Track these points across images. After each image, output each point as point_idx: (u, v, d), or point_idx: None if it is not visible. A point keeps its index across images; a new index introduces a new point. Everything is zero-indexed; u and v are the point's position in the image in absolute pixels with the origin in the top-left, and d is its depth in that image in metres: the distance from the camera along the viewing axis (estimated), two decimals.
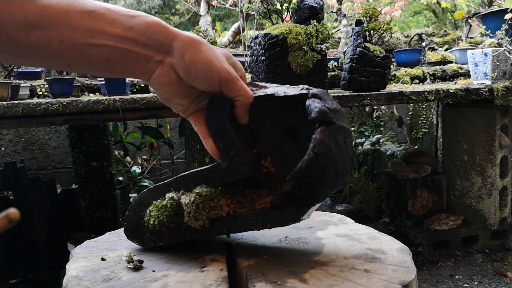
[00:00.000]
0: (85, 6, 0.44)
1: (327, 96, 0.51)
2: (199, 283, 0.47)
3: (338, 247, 0.56)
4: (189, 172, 0.56)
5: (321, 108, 0.48)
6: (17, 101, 1.52)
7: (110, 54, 0.46)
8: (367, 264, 0.50)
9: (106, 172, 2.13)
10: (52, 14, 0.42)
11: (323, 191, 0.49)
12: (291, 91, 0.53)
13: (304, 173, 0.47)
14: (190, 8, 3.26)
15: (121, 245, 0.60)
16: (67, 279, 0.50)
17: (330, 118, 0.47)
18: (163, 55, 0.49)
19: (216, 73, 0.49)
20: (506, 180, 2.34)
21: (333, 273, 0.48)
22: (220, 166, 0.54)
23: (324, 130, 0.47)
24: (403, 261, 0.51)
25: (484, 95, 1.94)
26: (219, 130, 0.53)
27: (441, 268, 2.22)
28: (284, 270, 0.49)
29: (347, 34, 2.61)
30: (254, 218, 0.52)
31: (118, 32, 0.45)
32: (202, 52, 0.49)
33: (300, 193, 0.49)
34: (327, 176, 0.48)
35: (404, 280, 0.46)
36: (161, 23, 0.48)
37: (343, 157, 0.49)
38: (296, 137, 0.55)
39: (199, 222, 0.53)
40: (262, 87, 0.55)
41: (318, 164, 0.46)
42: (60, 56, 0.45)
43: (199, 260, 0.54)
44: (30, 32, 0.42)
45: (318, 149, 0.46)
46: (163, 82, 0.50)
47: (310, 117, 0.48)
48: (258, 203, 0.54)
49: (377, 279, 0.46)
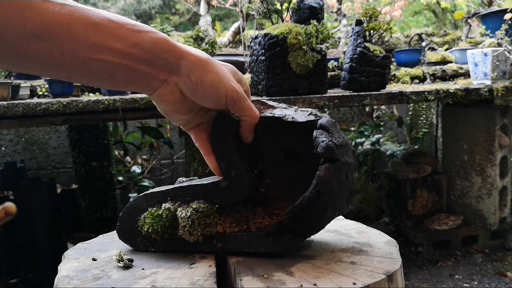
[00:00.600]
0: (89, 17, 0.42)
1: (334, 128, 0.50)
2: (187, 279, 0.48)
3: (326, 242, 0.57)
4: (188, 184, 0.56)
5: (328, 144, 0.48)
6: (17, 101, 1.52)
7: (113, 70, 0.45)
8: (354, 256, 0.51)
9: (106, 172, 2.14)
10: (54, 24, 0.40)
11: (319, 226, 0.51)
12: (300, 117, 0.52)
13: (304, 210, 0.48)
14: (190, 8, 3.27)
15: (113, 246, 0.60)
16: (58, 278, 0.50)
17: (336, 156, 0.48)
18: (168, 73, 0.47)
19: (223, 93, 0.48)
20: (506, 180, 2.34)
21: (320, 266, 0.49)
22: (220, 184, 0.53)
23: (328, 168, 0.47)
24: (389, 253, 0.52)
25: (484, 95, 1.94)
26: (223, 149, 0.53)
27: (441, 268, 2.22)
28: (271, 264, 0.50)
29: (347, 34, 2.61)
30: (247, 240, 0.52)
31: (123, 48, 0.44)
32: (210, 72, 0.48)
33: (297, 226, 0.49)
34: (325, 212, 0.49)
35: (389, 270, 0.47)
36: (168, 41, 0.46)
37: (343, 193, 0.50)
38: (298, 159, 0.56)
39: (193, 237, 0.53)
40: (269, 106, 0.54)
41: (319, 202, 0.47)
42: (61, 68, 0.43)
43: (189, 258, 0.54)
44: (29, 41, 0.40)
45: (321, 188, 0.47)
46: (166, 99, 0.49)
47: (316, 151, 0.48)
48: (253, 223, 0.54)
49: (362, 270, 0.47)
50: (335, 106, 1.72)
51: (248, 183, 0.53)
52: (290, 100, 1.65)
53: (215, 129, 0.53)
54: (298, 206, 0.48)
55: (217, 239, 0.54)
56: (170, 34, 1.78)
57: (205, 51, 1.75)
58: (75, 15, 0.41)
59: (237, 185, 0.53)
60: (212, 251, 0.55)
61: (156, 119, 2.64)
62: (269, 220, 0.55)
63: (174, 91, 0.49)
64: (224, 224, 0.54)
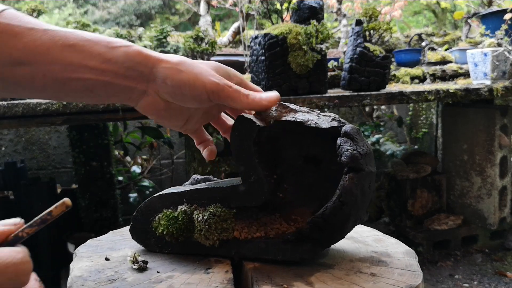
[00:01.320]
0: (67, 39, 0.44)
1: (359, 136, 0.49)
2: (204, 285, 0.47)
3: (344, 250, 0.56)
4: (205, 187, 0.55)
5: (353, 153, 0.46)
6: (17, 101, 1.52)
7: (93, 86, 0.46)
8: (373, 267, 0.50)
9: (106, 172, 2.14)
10: (35, 49, 0.43)
11: (340, 236, 0.50)
12: (323, 123, 0.50)
13: (326, 220, 0.47)
14: (190, 8, 3.26)
15: (124, 244, 0.60)
16: (72, 279, 0.50)
17: (360, 165, 0.46)
18: (146, 83, 0.48)
19: (202, 89, 0.48)
20: (505, 180, 2.34)
21: (339, 277, 0.48)
22: (238, 188, 0.52)
23: (352, 178, 0.46)
24: (409, 265, 0.51)
25: (484, 95, 1.94)
26: (243, 153, 0.51)
27: (441, 268, 2.22)
28: (290, 272, 0.49)
29: (347, 34, 2.61)
30: (265, 246, 0.51)
31: (98, 65, 0.45)
32: (183, 73, 0.48)
33: (317, 236, 0.48)
34: (347, 223, 0.48)
35: (411, 284, 0.46)
36: (141, 52, 0.47)
37: (365, 203, 0.49)
38: (317, 164, 0.55)
39: (209, 241, 0.52)
40: (291, 110, 0.52)
41: (342, 213, 0.46)
42: (45, 90, 0.46)
43: (204, 262, 0.53)
44: (14, 68, 0.43)
45: (344, 199, 0.46)
46: (150, 109, 0.51)
47: (340, 160, 0.47)
48: (270, 228, 0.53)
49: (384, 284, 0.46)
50: (335, 106, 1.72)
51: (268, 188, 0.52)
52: (290, 100, 1.65)
53: (235, 132, 0.52)
54: (321, 216, 0.47)
55: (233, 244, 0.53)
56: (170, 34, 1.78)
57: (205, 51, 1.75)
58: (54, 39, 0.43)
59: (256, 191, 0.51)
60: (227, 255, 0.54)
61: None
62: (286, 226, 0.54)
63: (156, 100, 0.49)
64: (241, 229, 0.53)
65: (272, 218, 0.54)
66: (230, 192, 0.53)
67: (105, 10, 6.61)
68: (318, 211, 0.47)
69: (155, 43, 1.73)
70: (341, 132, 0.49)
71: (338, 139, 0.48)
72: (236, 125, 0.52)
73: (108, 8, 6.61)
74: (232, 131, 0.52)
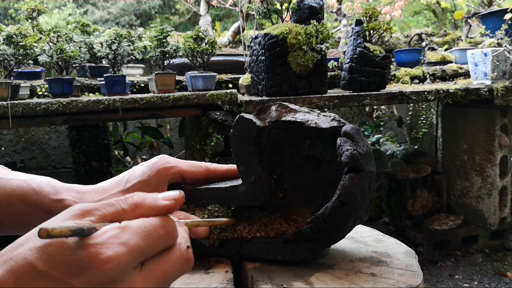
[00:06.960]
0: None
1: (359, 136, 0.49)
2: (204, 285, 0.47)
3: (344, 250, 0.56)
4: (205, 187, 0.54)
5: (353, 153, 0.46)
6: (17, 101, 1.52)
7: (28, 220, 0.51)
8: (373, 267, 0.50)
9: (106, 172, 2.14)
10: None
11: (340, 236, 0.50)
12: (323, 123, 0.50)
13: (326, 220, 0.47)
14: (190, 8, 3.27)
15: None
16: None
17: (360, 165, 0.46)
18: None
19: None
20: (505, 180, 2.34)
21: (339, 277, 0.48)
22: (238, 188, 0.52)
23: (352, 178, 0.46)
24: (409, 265, 0.51)
25: (484, 95, 1.94)
26: (243, 153, 0.51)
27: (441, 268, 2.22)
28: (289, 272, 0.49)
29: (347, 34, 2.61)
30: (265, 246, 0.51)
31: None
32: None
33: (317, 236, 0.48)
34: (347, 223, 0.48)
35: (411, 284, 0.46)
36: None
37: (365, 202, 0.49)
38: (318, 165, 0.54)
39: (209, 241, 0.52)
40: (291, 110, 0.52)
41: (342, 213, 0.46)
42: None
43: (203, 262, 0.53)
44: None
45: (344, 199, 0.46)
46: None
47: (340, 159, 0.47)
48: (270, 228, 0.53)
49: (384, 284, 0.46)
50: (335, 106, 1.72)
51: (268, 188, 0.51)
52: (290, 100, 1.65)
53: (235, 132, 0.52)
54: (321, 216, 0.47)
55: (233, 244, 0.53)
56: (170, 34, 1.78)
57: (205, 51, 1.75)
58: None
59: (256, 191, 0.51)
60: (227, 255, 0.54)
61: (156, 119, 2.64)
62: (286, 226, 0.54)
63: None
64: (241, 229, 0.53)
65: (272, 218, 0.55)
66: (229, 192, 0.53)
67: (105, 10, 6.61)
68: (318, 211, 0.47)
69: (155, 43, 1.73)
70: (341, 132, 0.49)
71: (338, 139, 0.48)
72: (236, 126, 0.52)
73: (108, 8, 6.61)
74: (232, 131, 0.52)
